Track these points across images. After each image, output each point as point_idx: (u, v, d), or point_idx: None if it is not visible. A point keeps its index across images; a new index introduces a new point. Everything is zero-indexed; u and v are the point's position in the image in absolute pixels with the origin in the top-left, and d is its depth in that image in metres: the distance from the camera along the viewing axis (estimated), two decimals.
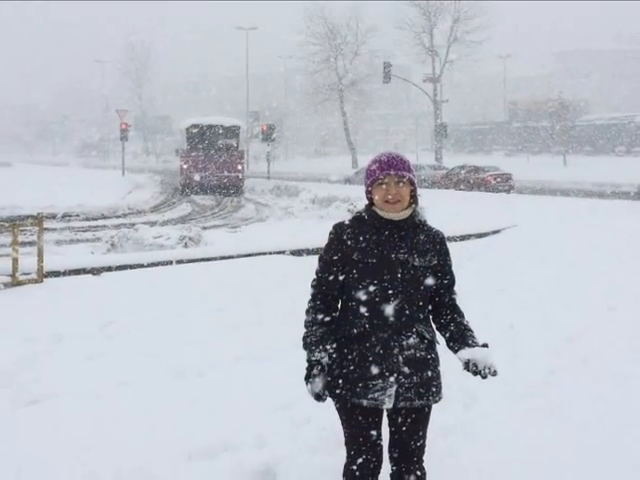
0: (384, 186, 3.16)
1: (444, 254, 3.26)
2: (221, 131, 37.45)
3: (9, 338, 7.20)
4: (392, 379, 3.09)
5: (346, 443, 3.29)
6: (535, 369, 6.19)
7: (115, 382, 5.83)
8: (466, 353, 3.07)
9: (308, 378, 3.11)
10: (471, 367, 3.03)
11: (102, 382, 5.82)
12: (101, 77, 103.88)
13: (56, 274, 10.83)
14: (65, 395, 5.55)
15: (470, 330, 3.22)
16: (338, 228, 3.24)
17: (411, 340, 3.12)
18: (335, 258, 3.20)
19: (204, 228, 18.20)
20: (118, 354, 6.66)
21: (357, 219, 3.26)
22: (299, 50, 60.12)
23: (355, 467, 3.24)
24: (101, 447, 4.55)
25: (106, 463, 4.30)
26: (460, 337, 3.18)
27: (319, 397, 3.10)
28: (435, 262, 3.21)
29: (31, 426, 4.97)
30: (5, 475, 4.22)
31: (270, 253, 12.81)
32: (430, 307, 3.28)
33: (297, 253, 13.00)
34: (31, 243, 13.22)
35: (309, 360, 3.15)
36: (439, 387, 3.23)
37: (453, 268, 3.32)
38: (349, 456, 3.28)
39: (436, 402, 3.23)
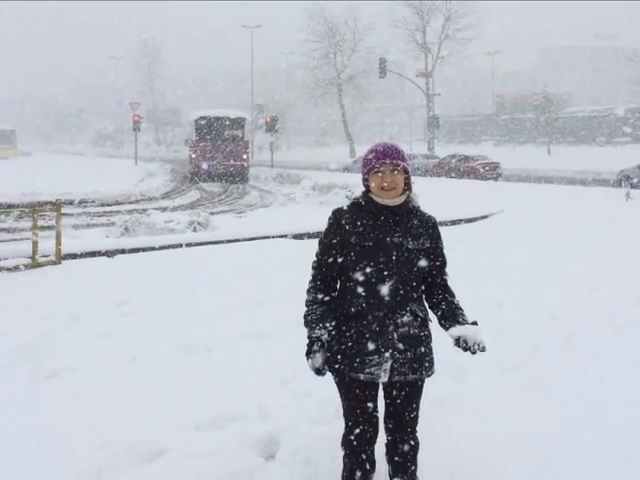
0: (380, 174, 3.14)
1: (436, 237, 3.24)
2: (227, 122, 37.34)
3: (29, 316, 7.19)
4: (387, 355, 3.08)
5: (344, 414, 3.28)
6: (521, 345, 6.17)
7: (128, 358, 5.83)
8: (457, 330, 3.06)
9: (309, 354, 3.11)
10: (461, 343, 3.02)
11: (116, 357, 5.81)
12: (115, 72, 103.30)
13: (73, 256, 10.82)
14: (82, 370, 5.54)
15: (460, 309, 3.21)
16: (337, 213, 3.22)
17: (405, 318, 3.11)
18: (334, 241, 3.18)
19: (212, 213, 18.17)
20: (131, 331, 6.64)
21: (355, 205, 3.23)
22: (300, 47, 59.97)
23: (353, 437, 3.24)
24: (115, 418, 4.55)
25: (120, 433, 4.29)
26: (451, 315, 3.17)
27: (319, 372, 3.09)
28: (428, 245, 3.19)
29: (50, 398, 4.97)
30: (25, 444, 4.22)
31: (273, 237, 12.80)
32: (423, 287, 3.27)
33: (298, 237, 12.99)
34: (50, 227, 13.16)
35: (310, 337, 3.14)
36: (431, 362, 3.22)
37: (445, 251, 3.30)
38: (347, 427, 3.27)
39: (429, 376, 3.22)
